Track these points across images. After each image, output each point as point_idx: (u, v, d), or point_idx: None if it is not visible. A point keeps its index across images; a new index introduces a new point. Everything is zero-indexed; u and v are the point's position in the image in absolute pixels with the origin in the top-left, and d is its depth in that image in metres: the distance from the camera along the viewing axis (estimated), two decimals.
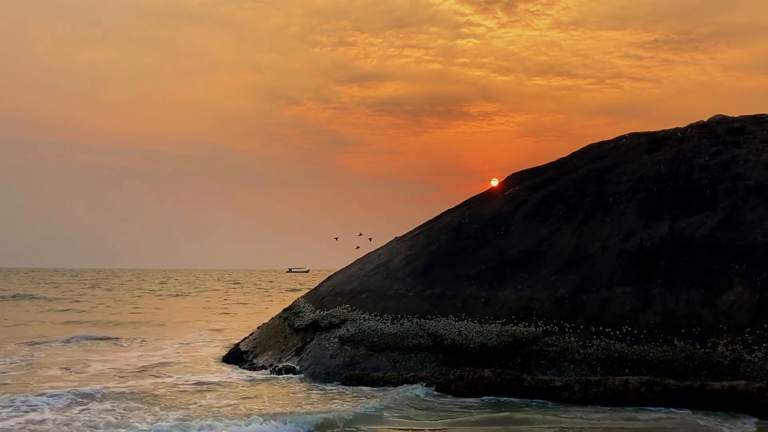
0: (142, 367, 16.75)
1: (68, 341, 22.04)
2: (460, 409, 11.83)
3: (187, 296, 54.20)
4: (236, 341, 20.52)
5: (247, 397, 12.75)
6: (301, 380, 14.42)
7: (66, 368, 16.40)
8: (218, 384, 14.22)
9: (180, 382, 14.46)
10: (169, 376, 15.31)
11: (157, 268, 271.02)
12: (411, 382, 13.45)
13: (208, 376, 15.34)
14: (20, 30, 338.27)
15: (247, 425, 9.95)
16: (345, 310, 16.09)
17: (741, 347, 12.06)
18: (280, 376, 14.84)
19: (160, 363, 17.43)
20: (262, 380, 14.74)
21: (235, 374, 15.57)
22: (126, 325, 28.84)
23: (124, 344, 21.71)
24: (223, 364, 17.51)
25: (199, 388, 13.83)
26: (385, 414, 11.30)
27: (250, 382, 14.56)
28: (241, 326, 27.08)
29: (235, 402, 12.31)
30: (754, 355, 11.88)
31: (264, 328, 19.22)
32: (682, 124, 17.89)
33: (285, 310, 19.13)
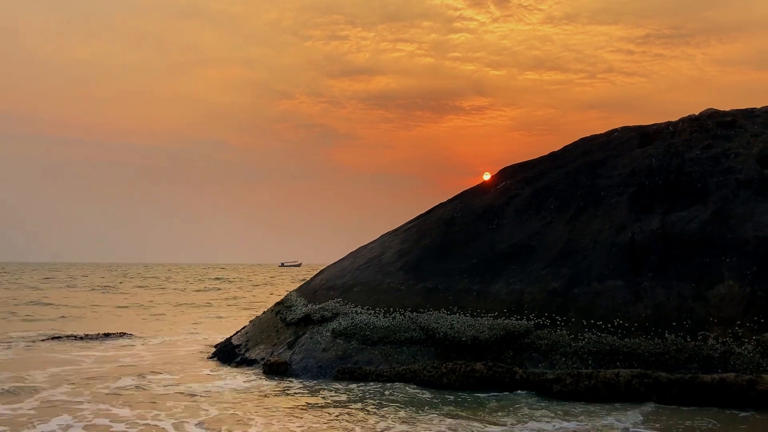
0: (134, 366, 16.22)
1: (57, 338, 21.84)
2: None
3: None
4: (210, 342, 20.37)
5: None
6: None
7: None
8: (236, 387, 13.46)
9: (175, 385, 13.73)
10: (158, 375, 15.16)
11: (148, 262, 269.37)
12: (403, 376, 13.46)
13: (215, 376, 14.75)
14: (12, 25, 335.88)
15: None
16: (337, 304, 16.07)
17: (731, 340, 12.14)
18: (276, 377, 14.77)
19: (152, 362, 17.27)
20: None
21: (240, 377, 14.94)
22: (101, 320, 28.31)
23: (108, 342, 20.77)
24: (216, 360, 17.39)
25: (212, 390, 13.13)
26: None
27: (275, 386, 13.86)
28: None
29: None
30: (744, 347, 11.96)
31: (256, 322, 19.18)
32: (674, 118, 17.98)
33: (277, 303, 19.09)
